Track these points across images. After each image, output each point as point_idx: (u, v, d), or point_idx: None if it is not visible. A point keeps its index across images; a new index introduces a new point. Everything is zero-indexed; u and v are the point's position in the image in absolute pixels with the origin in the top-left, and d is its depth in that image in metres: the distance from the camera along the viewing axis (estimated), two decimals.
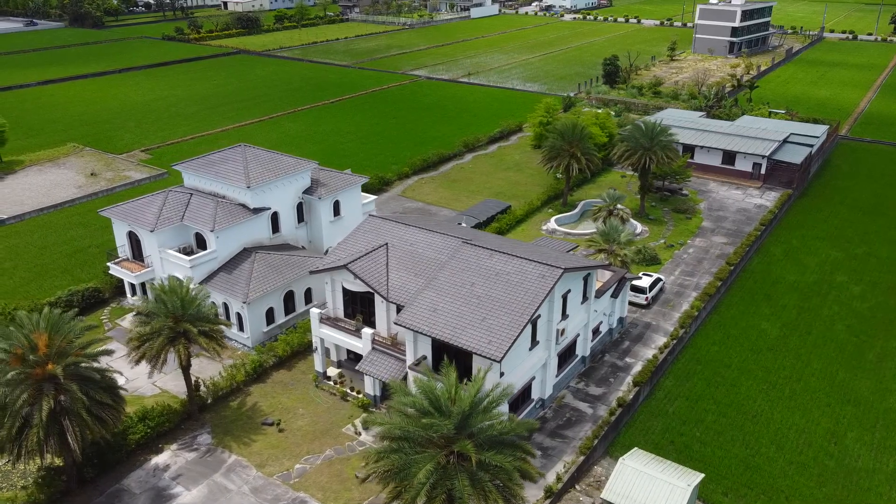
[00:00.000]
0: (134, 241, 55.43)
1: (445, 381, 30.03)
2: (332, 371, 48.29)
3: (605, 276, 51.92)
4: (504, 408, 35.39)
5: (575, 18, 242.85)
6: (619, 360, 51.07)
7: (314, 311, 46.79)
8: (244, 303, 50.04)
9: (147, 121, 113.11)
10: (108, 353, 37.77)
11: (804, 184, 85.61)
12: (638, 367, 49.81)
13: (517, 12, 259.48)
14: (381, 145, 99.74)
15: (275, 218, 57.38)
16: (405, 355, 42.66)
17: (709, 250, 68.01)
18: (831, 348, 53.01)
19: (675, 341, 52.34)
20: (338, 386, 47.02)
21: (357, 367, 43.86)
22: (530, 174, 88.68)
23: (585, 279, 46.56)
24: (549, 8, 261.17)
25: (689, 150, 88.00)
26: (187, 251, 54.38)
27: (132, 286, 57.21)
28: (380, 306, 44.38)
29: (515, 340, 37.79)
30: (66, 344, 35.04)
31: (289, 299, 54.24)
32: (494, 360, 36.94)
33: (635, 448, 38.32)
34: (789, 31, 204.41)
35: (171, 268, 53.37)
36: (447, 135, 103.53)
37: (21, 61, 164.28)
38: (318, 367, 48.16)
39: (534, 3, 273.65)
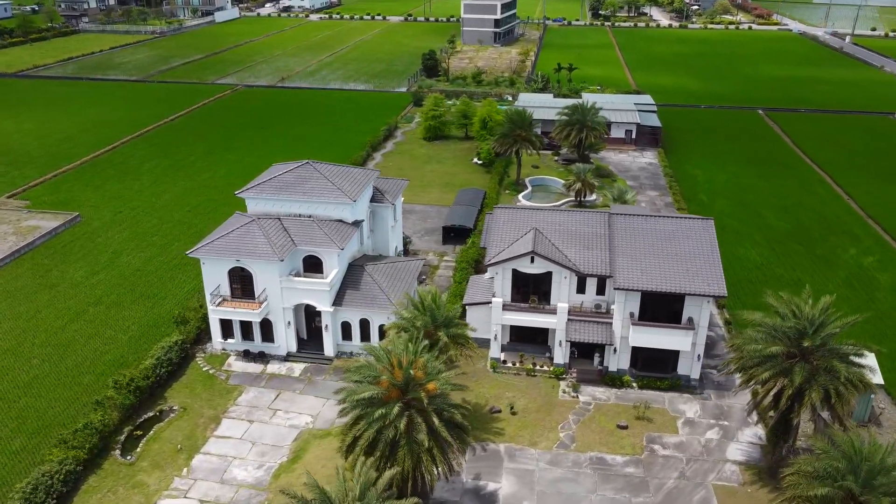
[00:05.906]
0: (235, 277, 51.00)
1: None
2: (502, 354, 51.66)
3: None
4: None
5: (321, 18, 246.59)
6: None
7: (496, 301, 49.62)
8: (394, 313, 50.28)
9: None
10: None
11: (661, 144, 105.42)
12: None
13: (259, 14, 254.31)
14: (286, 155, 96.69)
15: None
16: (605, 319, 48.57)
17: (654, 201, 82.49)
18: (763, 226, 70.50)
19: None
20: (519, 365, 50.70)
21: (567, 338, 48.36)
22: (452, 164, 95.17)
23: None
24: (288, 9, 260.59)
25: None
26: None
27: (223, 328, 52.58)
28: (560, 282, 49.14)
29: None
30: (427, 365, 34.92)
31: None
32: (723, 296, 45.44)
33: None
34: (518, 20, 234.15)
35: (294, 296, 50.77)
36: (334, 140, 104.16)
37: None
38: (495, 353, 51.09)
39: (268, 4, 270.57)
